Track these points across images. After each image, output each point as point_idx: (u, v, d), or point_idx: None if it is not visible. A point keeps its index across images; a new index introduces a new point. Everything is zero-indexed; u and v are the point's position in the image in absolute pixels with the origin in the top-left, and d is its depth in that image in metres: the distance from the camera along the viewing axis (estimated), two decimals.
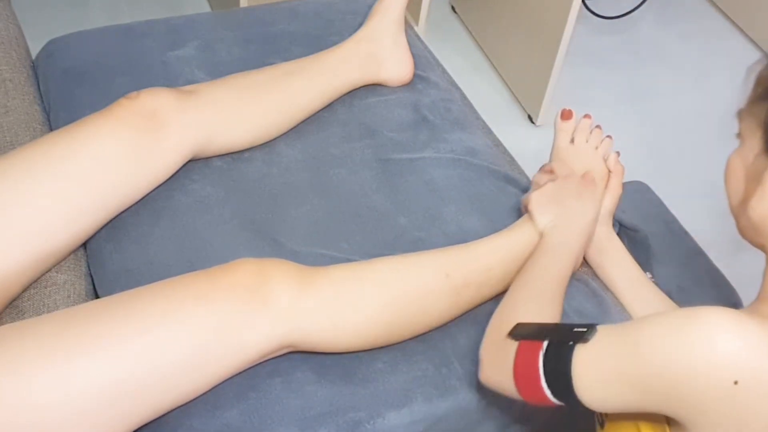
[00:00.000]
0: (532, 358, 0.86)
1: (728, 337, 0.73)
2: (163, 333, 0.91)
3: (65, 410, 0.86)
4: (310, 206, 1.22)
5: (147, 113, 1.13)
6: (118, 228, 1.16)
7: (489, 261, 1.09)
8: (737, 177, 0.87)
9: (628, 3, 2.49)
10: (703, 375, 0.73)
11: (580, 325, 0.85)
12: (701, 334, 0.74)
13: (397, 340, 1.04)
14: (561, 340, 0.85)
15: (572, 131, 1.24)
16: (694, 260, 1.43)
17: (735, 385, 0.72)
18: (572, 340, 0.83)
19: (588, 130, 1.23)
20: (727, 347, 0.73)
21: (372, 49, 1.39)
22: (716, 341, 0.73)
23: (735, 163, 0.88)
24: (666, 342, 0.76)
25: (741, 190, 0.86)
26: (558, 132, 1.24)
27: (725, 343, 0.73)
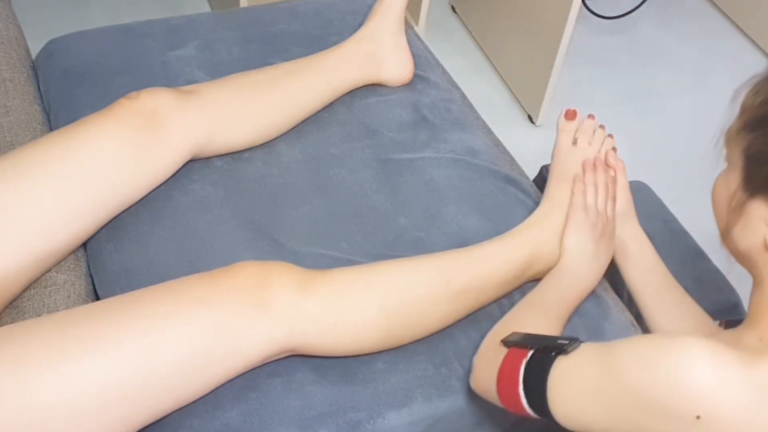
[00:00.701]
0: (516, 365, 0.86)
1: (698, 370, 0.72)
2: (164, 335, 0.91)
3: (66, 411, 0.86)
4: (310, 206, 1.22)
5: (147, 113, 1.13)
6: (118, 228, 1.16)
7: (490, 266, 1.09)
8: (721, 204, 0.86)
9: (628, 3, 2.49)
10: (668, 405, 0.73)
11: (566, 338, 0.85)
12: (673, 364, 0.73)
13: (397, 344, 1.05)
14: (545, 349, 0.85)
15: (575, 132, 1.22)
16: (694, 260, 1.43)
17: (697, 420, 0.71)
18: (554, 351, 0.83)
19: (591, 131, 1.22)
20: (694, 381, 0.72)
21: (372, 49, 1.39)
22: (685, 373, 0.72)
23: (719, 189, 0.87)
24: (638, 365, 0.75)
25: (724, 218, 0.86)
26: (560, 132, 1.22)
27: (694, 376, 0.72)
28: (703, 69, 2.54)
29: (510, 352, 0.89)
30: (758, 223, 0.81)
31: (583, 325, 1.12)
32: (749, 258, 0.85)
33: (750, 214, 0.82)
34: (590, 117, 1.23)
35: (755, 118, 0.82)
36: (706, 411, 0.71)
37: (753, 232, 0.82)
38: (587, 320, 1.13)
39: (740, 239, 0.84)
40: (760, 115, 0.81)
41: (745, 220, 0.83)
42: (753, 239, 0.82)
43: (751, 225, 0.82)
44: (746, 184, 0.82)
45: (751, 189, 0.82)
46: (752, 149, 0.82)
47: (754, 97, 0.83)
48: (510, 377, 0.86)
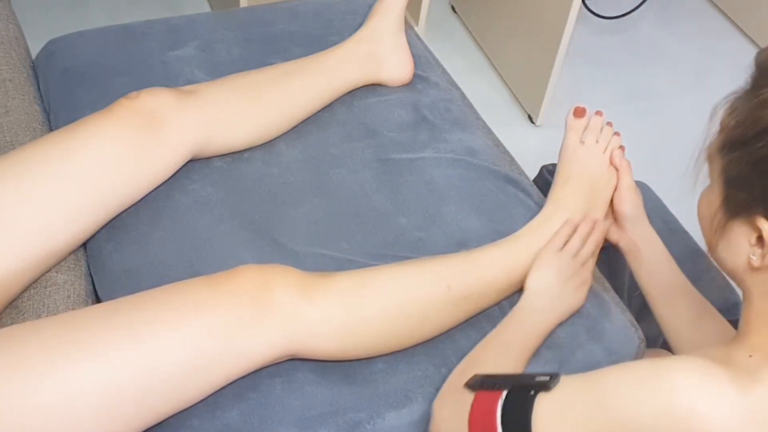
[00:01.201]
0: (490, 407, 0.82)
1: (689, 394, 0.71)
2: (165, 340, 0.91)
3: (66, 414, 0.86)
4: (310, 206, 1.22)
5: (147, 113, 1.13)
6: (118, 228, 1.16)
7: (491, 272, 1.09)
8: (705, 221, 0.85)
9: (628, 3, 2.49)
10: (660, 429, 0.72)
11: (542, 374, 0.82)
12: (664, 388, 0.72)
13: (398, 348, 1.05)
14: (522, 388, 0.82)
15: (583, 130, 1.20)
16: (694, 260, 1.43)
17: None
18: (534, 389, 0.80)
19: (599, 129, 1.20)
20: (688, 403, 0.71)
21: (372, 49, 1.39)
22: (676, 398, 0.71)
23: (703, 207, 0.85)
24: (629, 394, 0.74)
25: (708, 236, 0.84)
26: (568, 130, 1.20)
27: (685, 401, 0.71)
28: (703, 69, 2.54)
29: (478, 395, 0.85)
30: (741, 243, 0.80)
31: (583, 325, 1.12)
32: (735, 275, 0.83)
33: (731, 234, 0.80)
34: (598, 114, 1.21)
35: (731, 139, 0.79)
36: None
37: (736, 252, 0.81)
38: (587, 320, 1.13)
39: (725, 258, 0.82)
40: (736, 136, 0.79)
41: (727, 240, 0.81)
42: (737, 258, 0.81)
43: (734, 245, 0.80)
44: (726, 205, 0.81)
45: (731, 210, 0.80)
46: (730, 171, 0.80)
47: (730, 117, 0.80)
48: (485, 422, 0.82)
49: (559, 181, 1.20)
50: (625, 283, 1.37)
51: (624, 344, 1.14)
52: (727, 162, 0.80)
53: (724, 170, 0.80)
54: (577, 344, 1.10)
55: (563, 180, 1.19)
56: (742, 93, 0.80)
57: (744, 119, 0.78)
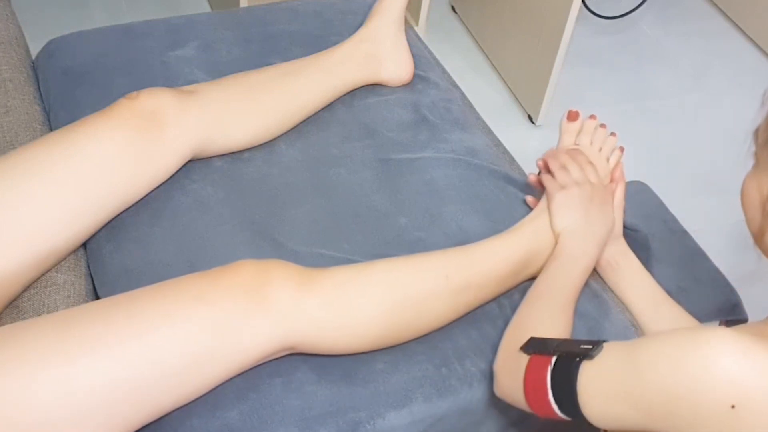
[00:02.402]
0: (541, 372, 0.87)
1: (727, 360, 0.72)
2: (164, 334, 0.91)
3: (65, 410, 0.86)
4: (310, 206, 1.22)
5: (147, 113, 1.13)
6: (118, 228, 1.16)
7: (489, 264, 1.09)
8: (753, 205, 0.85)
9: (628, 3, 2.49)
10: (701, 397, 0.73)
11: (589, 342, 0.85)
12: (701, 356, 0.73)
13: (397, 342, 1.05)
14: (568, 355, 0.85)
15: (577, 133, 1.23)
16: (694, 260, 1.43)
17: (732, 409, 0.72)
18: (579, 356, 0.84)
19: (592, 131, 1.22)
20: (725, 371, 0.72)
21: (372, 50, 1.39)
22: (715, 364, 0.73)
23: (751, 190, 0.86)
24: (666, 362, 0.76)
25: (758, 219, 0.85)
26: (563, 133, 1.23)
27: (724, 366, 0.72)
28: (703, 69, 2.54)
29: (532, 360, 0.89)
30: None
31: (583, 325, 1.12)
32: None
33: None
34: (592, 117, 1.23)
35: None
36: (741, 399, 0.72)
37: None
38: (587, 320, 1.13)
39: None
40: None
41: None
42: None
43: None
44: None
45: None
46: None
47: None
48: (537, 386, 0.87)
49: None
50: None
51: None
52: None
53: None
54: None
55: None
56: None
57: None
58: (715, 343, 0.73)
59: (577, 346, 0.86)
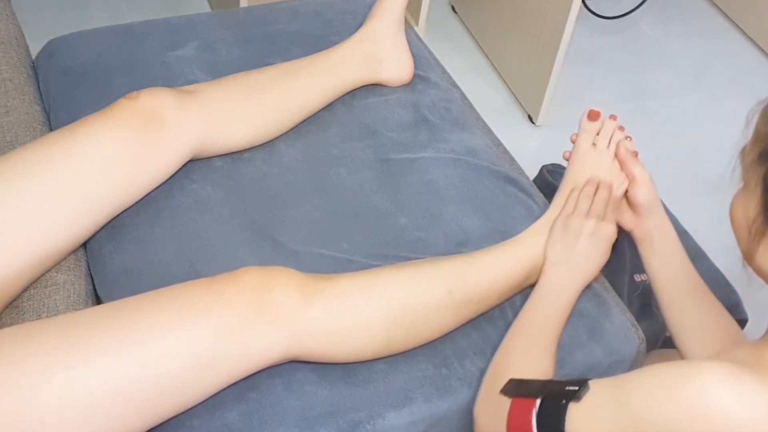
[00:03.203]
0: (526, 416, 0.85)
1: (720, 394, 0.72)
2: (166, 342, 0.90)
3: (67, 415, 0.86)
4: (310, 206, 1.22)
5: (147, 113, 1.13)
6: (118, 228, 1.16)
7: (492, 276, 1.09)
8: (741, 228, 0.85)
9: (628, 3, 2.49)
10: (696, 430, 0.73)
11: (573, 382, 0.84)
12: (694, 391, 0.73)
13: (398, 351, 1.05)
14: (554, 398, 0.84)
15: (595, 133, 1.19)
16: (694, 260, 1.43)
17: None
18: (565, 399, 0.82)
19: (611, 133, 1.19)
20: (717, 406, 0.72)
21: (372, 50, 1.39)
22: (707, 400, 0.72)
23: (738, 213, 0.85)
24: (658, 398, 0.75)
25: (745, 242, 0.84)
26: (581, 132, 1.20)
27: (716, 402, 0.72)
28: (703, 69, 2.54)
29: (514, 403, 0.88)
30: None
31: (583, 325, 1.12)
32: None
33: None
34: (612, 118, 1.20)
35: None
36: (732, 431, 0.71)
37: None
38: (587, 320, 1.13)
39: (763, 262, 0.83)
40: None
41: (766, 245, 0.81)
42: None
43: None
44: (766, 211, 0.81)
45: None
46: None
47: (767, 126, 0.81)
48: (522, 430, 0.85)
49: (566, 185, 1.18)
50: (625, 283, 1.37)
51: (624, 344, 1.14)
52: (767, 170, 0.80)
53: (765, 179, 0.80)
54: (577, 344, 1.10)
55: (570, 184, 1.18)
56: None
57: None
58: (709, 375, 0.73)
59: (562, 387, 0.84)
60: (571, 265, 1.09)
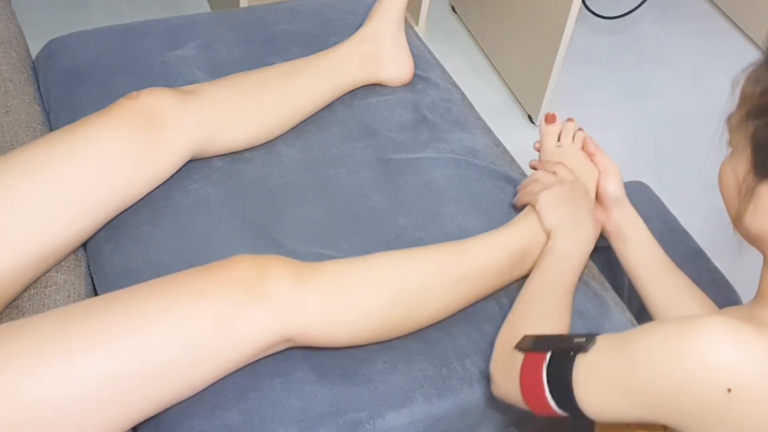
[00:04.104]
0: (537, 369, 0.87)
1: (721, 345, 0.74)
2: (162, 328, 0.91)
3: (63, 406, 0.86)
4: (310, 206, 1.22)
5: (147, 113, 1.13)
6: (118, 228, 1.16)
7: (486, 255, 1.09)
8: (730, 189, 0.88)
9: (628, 3, 2.49)
10: (697, 383, 0.74)
11: (582, 335, 0.86)
12: (695, 342, 0.74)
13: (395, 334, 1.05)
14: (562, 350, 0.86)
15: (558, 133, 1.25)
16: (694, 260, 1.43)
17: (728, 393, 0.73)
18: (573, 351, 0.84)
19: (573, 131, 1.24)
20: (720, 355, 0.73)
21: (372, 50, 1.39)
22: (709, 350, 0.74)
23: (727, 175, 0.88)
24: (660, 351, 0.76)
25: (735, 203, 0.87)
26: (543, 136, 1.26)
27: (718, 351, 0.74)
28: (703, 69, 2.54)
29: (526, 357, 0.90)
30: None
31: (583, 325, 1.12)
32: (762, 240, 0.86)
33: (761, 197, 0.84)
34: (570, 120, 1.26)
35: (758, 106, 0.84)
36: (736, 383, 0.73)
37: (765, 215, 0.84)
38: (587, 320, 1.13)
39: (752, 223, 0.85)
40: (762, 103, 0.83)
41: (755, 204, 0.84)
42: (765, 221, 0.84)
43: (763, 207, 0.84)
44: (756, 169, 0.84)
45: (761, 173, 0.83)
46: (759, 136, 0.83)
47: (754, 86, 0.84)
48: (533, 383, 0.87)
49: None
50: (625, 283, 1.37)
51: None
52: (755, 128, 0.83)
53: (753, 137, 0.84)
54: None
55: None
56: (762, 63, 0.84)
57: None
58: (708, 330, 0.74)
59: (570, 340, 0.86)
60: (573, 227, 1.12)
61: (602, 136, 1.27)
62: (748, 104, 0.85)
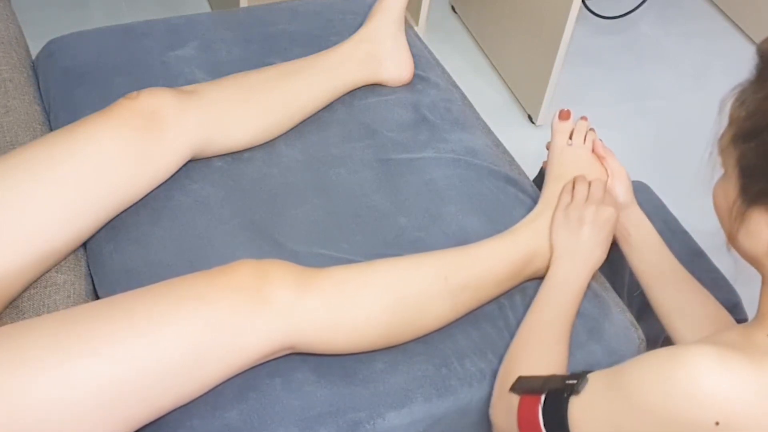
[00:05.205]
0: (533, 412, 0.88)
1: (710, 377, 0.74)
2: (163, 334, 0.91)
3: (65, 411, 0.86)
4: (310, 206, 1.22)
5: (147, 113, 1.13)
6: (118, 228, 1.16)
7: (488, 265, 1.09)
8: (723, 211, 0.87)
9: (628, 3, 2.49)
10: (687, 417, 0.74)
11: (573, 376, 0.86)
12: (683, 375, 0.74)
13: (396, 342, 1.05)
14: (556, 392, 0.86)
15: (570, 131, 1.24)
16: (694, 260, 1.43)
17: (716, 426, 0.73)
18: (565, 392, 0.85)
19: (585, 131, 1.23)
20: (708, 388, 0.73)
21: (372, 50, 1.39)
22: (699, 382, 0.74)
23: (719, 198, 0.88)
24: (649, 384, 0.77)
25: (728, 225, 0.86)
26: (555, 133, 1.24)
27: (705, 382, 0.73)
28: (703, 69, 2.54)
29: (522, 400, 0.90)
30: (760, 229, 0.82)
31: (583, 325, 1.12)
32: (756, 261, 0.86)
33: (751, 221, 0.83)
34: (583, 119, 1.25)
35: (744, 131, 0.82)
36: (724, 415, 0.73)
37: (756, 238, 0.83)
38: (587, 320, 1.13)
39: (744, 244, 0.85)
40: (747, 127, 0.82)
41: (747, 227, 0.83)
42: (757, 244, 0.83)
43: (754, 231, 0.83)
44: (743, 194, 0.83)
45: (749, 198, 0.82)
46: (745, 161, 0.82)
47: (740, 109, 0.83)
48: (531, 425, 0.88)
49: (550, 179, 1.21)
50: (625, 283, 1.37)
51: (624, 344, 1.14)
52: (741, 152, 0.82)
53: (739, 161, 0.83)
54: (577, 344, 1.10)
55: (554, 178, 1.20)
56: (748, 85, 0.83)
57: (754, 110, 0.81)
58: (697, 360, 0.74)
59: (562, 381, 0.87)
60: (578, 254, 1.11)
61: (602, 136, 1.26)
62: (734, 127, 0.83)
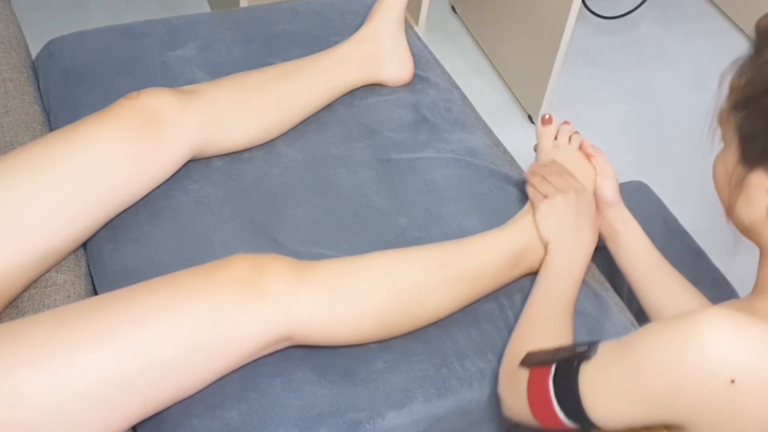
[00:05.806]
0: (543, 383, 0.87)
1: (722, 337, 0.74)
2: (160, 327, 0.91)
3: (63, 404, 0.87)
4: (310, 206, 1.22)
5: (147, 113, 1.13)
6: (118, 228, 1.16)
7: (484, 254, 1.10)
8: (722, 182, 0.90)
9: (628, 3, 2.49)
10: (700, 379, 0.74)
11: (584, 344, 0.86)
12: (695, 336, 0.75)
13: (395, 333, 1.05)
14: (566, 360, 0.86)
15: (554, 134, 1.26)
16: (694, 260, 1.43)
17: (731, 384, 0.73)
18: (576, 360, 0.85)
19: (569, 133, 1.25)
20: (720, 347, 0.74)
21: (372, 50, 1.39)
22: (710, 342, 0.74)
23: (719, 169, 0.90)
24: (662, 350, 0.77)
25: (727, 195, 0.89)
26: (540, 137, 1.27)
27: (718, 343, 0.74)
28: (703, 69, 2.54)
29: (532, 373, 0.90)
30: (759, 193, 0.85)
31: (583, 325, 1.12)
32: (754, 230, 0.88)
33: (750, 187, 0.86)
34: (566, 123, 1.27)
35: (743, 98, 0.86)
36: (739, 373, 0.73)
37: (755, 204, 0.86)
38: (587, 320, 1.13)
39: (743, 213, 0.87)
40: (746, 94, 0.86)
41: (746, 194, 0.86)
42: (756, 210, 0.86)
43: (753, 197, 0.86)
44: (744, 158, 0.86)
45: (749, 162, 0.85)
46: (745, 126, 0.86)
47: (740, 79, 0.87)
48: (541, 398, 0.87)
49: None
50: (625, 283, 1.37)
51: None
52: (741, 119, 0.86)
53: (739, 128, 0.86)
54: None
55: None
56: (747, 57, 0.87)
57: (752, 78, 0.85)
58: (707, 323, 0.75)
59: (572, 350, 0.87)
60: (571, 241, 1.12)
61: (602, 136, 1.27)
62: (734, 96, 0.87)
